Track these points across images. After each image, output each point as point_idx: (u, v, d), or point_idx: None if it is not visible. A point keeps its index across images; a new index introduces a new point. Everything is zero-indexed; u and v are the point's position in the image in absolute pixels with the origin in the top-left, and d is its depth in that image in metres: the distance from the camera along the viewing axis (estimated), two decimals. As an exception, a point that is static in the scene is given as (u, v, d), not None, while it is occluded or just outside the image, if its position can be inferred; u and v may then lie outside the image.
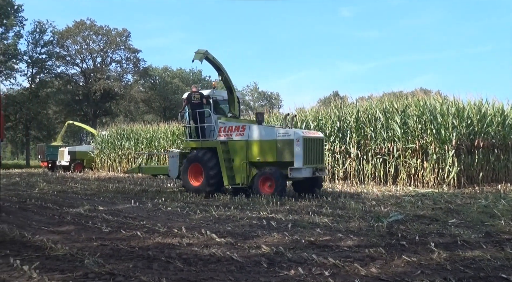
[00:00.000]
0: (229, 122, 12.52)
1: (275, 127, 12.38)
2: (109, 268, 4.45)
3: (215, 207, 9.22)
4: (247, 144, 12.01)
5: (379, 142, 15.67)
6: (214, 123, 12.70)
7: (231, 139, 12.30)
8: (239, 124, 12.36)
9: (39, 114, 47.32)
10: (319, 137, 12.29)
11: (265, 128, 12.08)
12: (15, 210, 9.55)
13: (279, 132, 11.66)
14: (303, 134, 11.44)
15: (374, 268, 4.45)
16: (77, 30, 53.04)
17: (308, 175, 11.48)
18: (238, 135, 12.20)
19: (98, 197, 11.93)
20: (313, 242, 5.70)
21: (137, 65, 56.78)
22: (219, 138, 12.45)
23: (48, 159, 31.53)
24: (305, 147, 11.26)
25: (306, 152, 11.29)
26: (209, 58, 12.63)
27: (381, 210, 8.68)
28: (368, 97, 18.85)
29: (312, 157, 11.57)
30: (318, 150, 11.92)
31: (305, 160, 11.23)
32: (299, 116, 18.78)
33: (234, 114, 12.97)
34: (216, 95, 13.28)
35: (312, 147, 11.64)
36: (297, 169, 11.20)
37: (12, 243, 5.90)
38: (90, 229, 6.92)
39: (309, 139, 11.53)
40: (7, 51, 44.16)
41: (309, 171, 11.42)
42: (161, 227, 6.85)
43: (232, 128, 12.35)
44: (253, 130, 12.00)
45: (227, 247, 5.47)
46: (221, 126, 12.52)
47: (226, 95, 13.20)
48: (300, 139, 11.18)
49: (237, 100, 13.24)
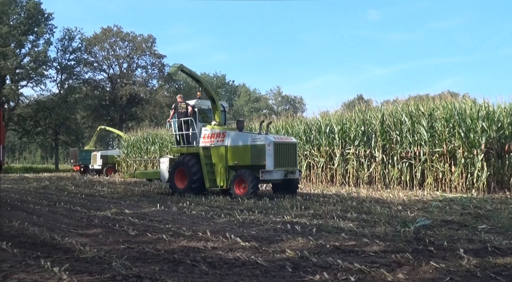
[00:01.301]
0: (212, 129, 13.54)
1: (250, 133, 13.23)
2: (136, 271, 4.51)
3: (239, 211, 9.24)
4: (226, 149, 13.05)
5: (405, 146, 15.42)
6: (198, 131, 13.75)
7: (213, 145, 13.37)
8: (220, 131, 13.36)
9: (67, 119, 48.53)
10: (292, 142, 13.16)
11: (241, 135, 13.03)
12: (45, 213, 9.80)
13: (253, 138, 12.64)
14: (274, 139, 12.41)
15: (401, 274, 4.37)
16: (104, 37, 54.31)
17: (279, 177, 12.42)
18: (219, 142, 13.25)
19: (125, 201, 12.12)
20: (338, 246, 5.64)
21: (162, 71, 57.65)
22: (202, 145, 13.52)
23: (81, 163, 32.41)
24: (276, 151, 12.23)
25: (277, 155, 12.26)
26: (185, 71, 13.87)
27: (408, 215, 8.53)
28: (394, 100, 18.63)
29: (284, 160, 12.50)
30: (290, 154, 12.80)
31: (276, 163, 12.21)
32: (323, 120, 18.72)
33: (218, 122, 13.87)
34: (201, 105, 14.28)
35: (284, 151, 12.57)
36: (269, 171, 12.15)
37: (43, 245, 6.05)
38: (117, 232, 7.03)
39: (280, 144, 12.50)
40: (38, 58, 45.53)
41: (280, 173, 12.37)
42: (186, 230, 6.91)
43: (214, 135, 13.42)
44: (231, 137, 13.05)
45: (251, 251, 5.47)
46: (205, 133, 13.63)
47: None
48: (271, 144, 12.18)
49: (222, 109, 14.30)
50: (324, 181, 17.98)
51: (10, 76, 45.20)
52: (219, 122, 13.89)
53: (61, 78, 50.79)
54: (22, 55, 46.10)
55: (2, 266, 4.85)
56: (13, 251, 5.57)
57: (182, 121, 13.94)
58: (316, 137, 18.68)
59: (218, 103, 13.96)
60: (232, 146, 13.00)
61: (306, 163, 18.81)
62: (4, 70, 43.11)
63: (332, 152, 17.91)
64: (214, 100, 13.90)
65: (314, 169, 18.58)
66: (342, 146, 17.59)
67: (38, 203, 11.75)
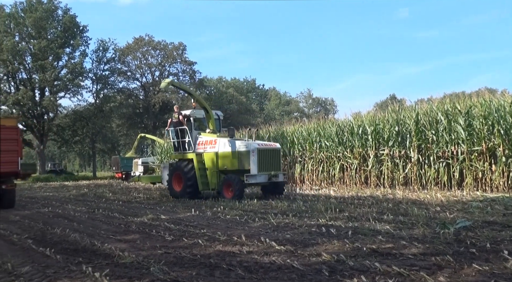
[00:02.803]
0: (206, 137, 14.59)
1: (238, 140, 14.11)
2: (174, 276, 4.59)
3: (273, 214, 9.23)
4: (216, 155, 14.07)
5: (441, 145, 15.00)
6: (193, 138, 14.73)
7: (206, 152, 14.41)
8: (212, 138, 14.35)
9: (103, 128, 49.89)
10: (275, 148, 14.09)
11: (230, 142, 13.91)
12: (85, 219, 10.10)
13: (239, 145, 13.64)
14: (258, 146, 13.36)
15: (442, 277, 4.25)
16: (137, 46, 55.63)
17: (263, 181, 13.36)
18: (211, 148, 14.29)
19: (160, 206, 12.33)
20: (375, 249, 5.54)
21: (193, 77, 58.50)
22: (196, 151, 14.55)
23: (122, 170, 33.28)
24: (259, 156, 13.16)
25: (261, 161, 13.17)
26: (175, 85, 16.22)
27: (447, 216, 8.29)
28: (428, 99, 18.14)
29: (268, 165, 13.42)
30: (274, 159, 13.74)
31: (259, 167, 13.12)
32: (355, 121, 18.49)
33: (212, 129, 14.85)
34: (196, 114, 15.29)
35: (268, 156, 13.49)
36: (253, 175, 13.09)
37: (84, 251, 6.24)
38: (154, 238, 7.16)
39: (264, 150, 13.44)
40: (74, 70, 47.07)
41: (264, 177, 13.28)
42: (221, 235, 6.96)
43: (207, 142, 14.47)
44: (221, 143, 14.04)
45: (287, 255, 5.46)
46: (199, 140, 14.70)
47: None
48: (255, 151, 13.15)
49: (217, 117, 15.47)
50: (358, 183, 17.71)
51: (49, 88, 46.92)
52: (213, 130, 14.86)
53: (97, 88, 52.32)
54: (60, 68, 47.78)
55: (47, 271, 5.04)
56: (56, 257, 5.77)
57: (178, 129, 14.98)
58: (348, 139, 18.45)
59: (211, 113, 15.01)
60: (222, 152, 13.99)
61: (339, 165, 18.61)
62: (43, 82, 44.81)
63: (365, 153, 17.64)
64: (207, 110, 14.98)
65: (347, 171, 18.35)
66: (376, 147, 17.29)
67: (78, 210, 12.12)
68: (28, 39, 46.36)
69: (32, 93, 45.59)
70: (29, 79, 46.76)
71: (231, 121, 59.64)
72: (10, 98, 43.60)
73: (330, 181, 19.05)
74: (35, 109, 46.29)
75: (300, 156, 20.65)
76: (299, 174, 20.48)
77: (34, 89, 46.74)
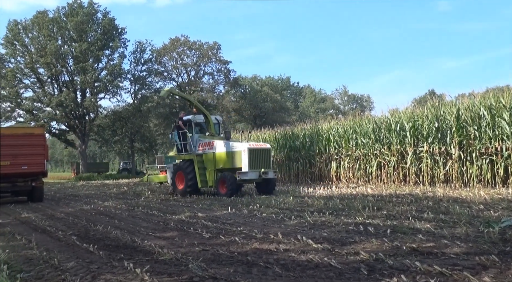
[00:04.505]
0: (205, 139, 16.07)
1: (232, 141, 15.49)
2: (212, 273, 4.64)
3: (310, 212, 9.18)
4: (214, 155, 15.50)
5: (484, 141, 14.47)
6: (194, 141, 16.14)
7: (205, 152, 15.87)
8: (210, 140, 15.81)
9: (141, 127, 51.09)
10: (265, 148, 15.36)
11: (225, 143, 15.28)
12: (125, 217, 10.38)
13: (233, 145, 15.04)
14: (249, 146, 14.66)
15: (487, 277, 4.10)
16: (173, 47, 56.63)
17: (254, 177, 14.65)
18: (209, 149, 15.73)
19: (197, 204, 12.51)
20: (416, 248, 5.41)
21: (228, 76, 58.96)
22: (197, 152, 15.99)
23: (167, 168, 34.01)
24: (250, 155, 14.44)
25: (251, 159, 14.43)
26: (174, 93, 18.38)
27: (491, 214, 7.99)
28: (469, 94, 17.51)
29: (258, 163, 14.64)
30: (264, 158, 14.95)
31: (250, 165, 14.40)
32: (393, 118, 18.13)
33: (212, 133, 16.41)
34: (197, 119, 16.72)
35: (258, 155, 14.74)
36: (244, 173, 14.42)
37: (125, 248, 6.41)
38: (192, 235, 7.27)
39: (254, 150, 14.74)
40: (113, 71, 48.45)
41: (254, 174, 14.54)
42: (258, 233, 6.99)
43: (206, 144, 15.92)
44: (218, 145, 15.46)
45: (324, 253, 5.42)
46: (200, 142, 16.10)
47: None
48: (246, 150, 14.44)
49: (216, 121, 17.04)
50: (396, 180, 17.34)
51: (89, 90, 48.49)
52: (212, 133, 16.41)
53: (135, 89, 53.65)
54: (100, 69, 49.29)
55: (91, 267, 5.22)
56: (99, 253, 5.97)
57: (181, 133, 16.42)
58: (385, 136, 18.09)
59: (209, 117, 16.73)
60: (218, 152, 15.40)
61: (376, 162, 18.28)
62: (84, 84, 46.37)
63: (403, 150, 17.24)
64: (206, 115, 16.76)
65: (384, 169, 18.00)
66: (415, 143, 16.87)
67: (119, 208, 12.49)
68: (70, 42, 48.08)
69: (74, 94, 47.27)
70: (71, 81, 48.47)
71: (266, 120, 59.84)
72: (54, 100, 45.34)
73: (367, 178, 18.74)
74: (77, 110, 47.99)
75: (336, 153, 20.42)
76: (335, 171, 20.26)
77: (75, 91, 48.44)
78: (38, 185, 16.25)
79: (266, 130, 27.11)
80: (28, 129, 18.20)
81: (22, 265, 5.51)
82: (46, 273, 5.06)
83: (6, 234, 8.30)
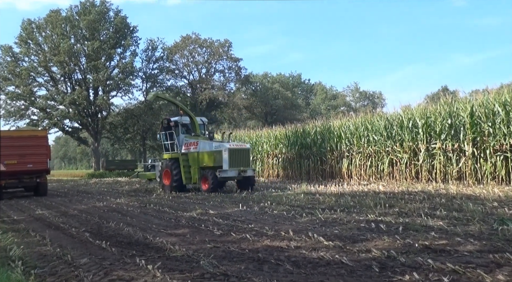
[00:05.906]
0: (191, 139, 17.10)
1: (214, 141, 16.39)
2: (223, 269, 4.66)
3: (321, 210, 9.16)
4: (198, 154, 16.45)
5: (498, 138, 14.27)
6: (180, 141, 17.30)
7: (190, 151, 16.87)
8: (195, 140, 16.81)
9: (153, 125, 51.35)
10: (245, 148, 16.29)
11: (208, 143, 16.27)
12: (137, 214, 10.46)
13: (215, 145, 15.92)
14: (229, 146, 15.53)
15: (501, 275, 4.05)
16: (184, 45, 56.76)
17: (233, 175, 15.59)
18: (194, 149, 16.73)
19: (208, 201, 12.55)
20: (428, 246, 5.37)
21: (239, 74, 58.96)
22: (182, 151, 17.08)
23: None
24: (230, 155, 15.31)
25: (231, 158, 15.30)
26: (161, 97, 21.71)
27: (505, 212, 7.88)
28: (484, 90, 17.20)
29: (238, 162, 15.54)
30: (244, 157, 15.87)
31: (230, 164, 15.28)
32: (405, 115, 17.98)
33: (197, 133, 17.40)
34: (183, 121, 17.90)
35: (238, 155, 15.62)
36: (224, 171, 15.28)
37: (137, 244, 6.46)
38: (203, 232, 7.30)
39: (234, 150, 15.60)
40: (125, 69, 48.75)
41: (234, 172, 15.45)
42: (269, 230, 6.99)
43: (191, 143, 16.94)
44: (202, 144, 16.45)
45: (335, 250, 5.40)
46: (185, 142, 17.23)
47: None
48: (226, 150, 15.33)
49: (202, 123, 18.09)
50: (409, 177, 17.19)
51: (102, 88, 48.87)
52: (197, 134, 17.38)
53: (146, 86, 53.93)
54: (112, 67, 49.61)
55: (103, 263, 5.28)
56: (111, 249, 6.03)
57: (168, 133, 17.55)
58: (398, 133, 17.95)
59: (194, 119, 17.64)
60: (201, 152, 16.33)
61: (388, 159, 18.15)
62: (96, 82, 46.74)
63: (416, 147, 17.09)
64: (191, 117, 17.66)
65: (397, 166, 17.86)
66: (427, 140, 16.70)
67: (131, 205, 12.58)
68: (82, 41, 48.45)
69: (86, 93, 47.65)
70: (83, 79, 48.89)
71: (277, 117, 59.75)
72: (67, 98, 45.79)
73: (379, 175, 18.62)
74: (90, 108, 48.41)
75: (348, 150, 20.31)
76: (346, 169, 20.17)
77: (88, 89, 48.84)
78: (43, 181, 18.55)
79: (277, 127, 27.06)
80: (32, 132, 20.52)
81: (36, 261, 5.59)
82: (59, 269, 5.12)
83: (20, 230, 8.42)
